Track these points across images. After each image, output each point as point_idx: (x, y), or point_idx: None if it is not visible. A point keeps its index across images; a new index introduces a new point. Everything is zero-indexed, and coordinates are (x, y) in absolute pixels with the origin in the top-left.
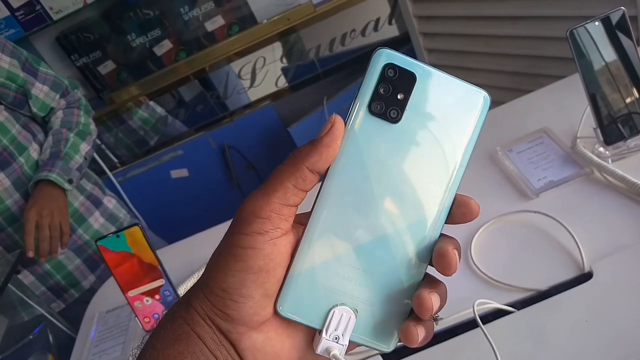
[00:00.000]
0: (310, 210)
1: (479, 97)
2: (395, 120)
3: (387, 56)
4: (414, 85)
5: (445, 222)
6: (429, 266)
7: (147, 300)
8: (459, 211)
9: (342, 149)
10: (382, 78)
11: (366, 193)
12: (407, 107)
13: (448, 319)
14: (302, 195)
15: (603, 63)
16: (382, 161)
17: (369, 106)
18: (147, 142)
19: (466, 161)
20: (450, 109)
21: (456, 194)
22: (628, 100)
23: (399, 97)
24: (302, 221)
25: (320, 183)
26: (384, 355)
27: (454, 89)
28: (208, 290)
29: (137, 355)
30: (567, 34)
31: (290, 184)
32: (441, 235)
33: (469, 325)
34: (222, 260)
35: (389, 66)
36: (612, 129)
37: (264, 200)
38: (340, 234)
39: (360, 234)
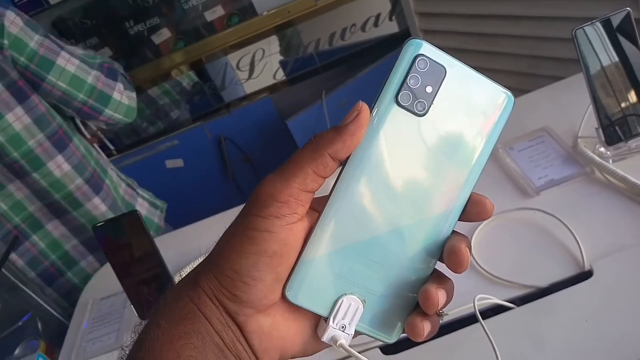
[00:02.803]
0: (325, 196)
1: (504, 98)
2: (421, 113)
3: (418, 47)
4: (443, 79)
5: (458, 219)
6: (437, 262)
7: (143, 288)
8: (473, 209)
9: (364, 138)
10: (412, 69)
11: (384, 184)
12: (434, 101)
13: (448, 314)
14: (321, 182)
15: (607, 63)
16: (403, 153)
17: (396, 97)
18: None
19: (485, 160)
20: (475, 107)
21: (472, 192)
22: (630, 101)
23: (427, 90)
24: (316, 207)
25: (339, 170)
26: (383, 347)
27: (481, 86)
28: (218, 270)
29: (140, 332)
30: (573, 33)
31: (310, 169)
32: (453, 232)
33: (468, 320)
34: (235, 242)
35: (420, 57)
36: (613, 129)
37: (283, 184)
38: (354, 224)
39: (374, 224)
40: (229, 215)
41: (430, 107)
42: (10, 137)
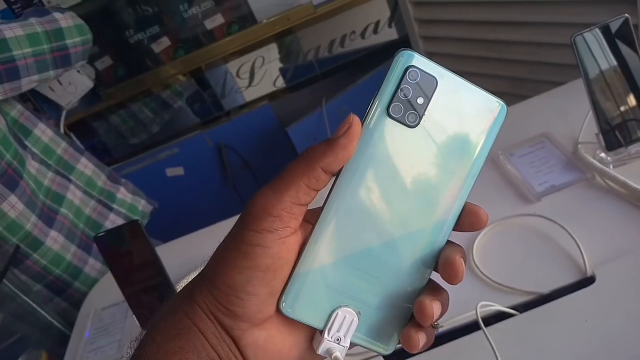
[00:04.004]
0: (318, 207)
1: (497, 107)
2: (412, 124)
3: (409, 58)
4: (434, 90)
5: (453, 230)
6: (432, 272)
7: (145, 298)
8: (467, 220)
9: (356, 150)
10: (403, 80)
11: (377, 196)
12: (425, 112)
13: (450, 321)
14: (314, 195)
15: (606, 68)
16: (395, 165)
17: (387, 108)
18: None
19: (478, 170)
20: (467, 117)
21: (465, 202)
22: (630, 106)
23: (418, 101)
24: (309, 219)
25: (331, 182)
26: (384, 357)
27: (473, 96)
28: (212, 285)
29: (135, 347)
30: (572, 39)
31: (303, 183)
32: (448, 242)
33: (470, 327)
34: (228, 256)
35: (411, 69)
36: (613, 134)
37: (276, 198)
38: (348, 236)
39: (368, 236)
40: (230, 224)
41: (422, 118)
42: None
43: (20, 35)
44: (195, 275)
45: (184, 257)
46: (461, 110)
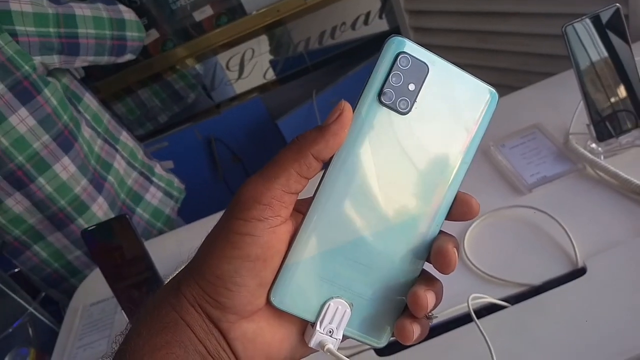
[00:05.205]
0: (309, 197)
1: (488, 94)
2: (404, 111)
3: (400, 44)
4: (425, 77)
5: (445, 219)
6: (425, 263)
7: (134, 293)
8: (459, 209)
9: (347, 137)
10: (394, 67)
11: (369, 185)
12: (417, 99)
13: (442, 314)
14: (305, 183)
15: (597, 59)
16: (387, 153)
17: (379, 95)
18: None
19: (470, 158)
20: (458, 104)
21: (458, 192)
22: (620, 97)
23: (409, 88)
24: (300, 209)
25: (322, 170)
26: (377, 350)
27: (464, 83)
28: (200, 276)
29: (120, 342)
30: (563, 29)
31: (293, 170)
32: (440, 232)
33: (462, 319)
34: (217, 246)
35: (402, 55)
36: (604, 125)
37: (265, 185)
38: (339, 226)
39: (359, 226)
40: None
41: (413, 105)
42: (14, 141)
43: (88, 16)
44: (182, 268)
45: (173, 251)
46: (453, 97)
